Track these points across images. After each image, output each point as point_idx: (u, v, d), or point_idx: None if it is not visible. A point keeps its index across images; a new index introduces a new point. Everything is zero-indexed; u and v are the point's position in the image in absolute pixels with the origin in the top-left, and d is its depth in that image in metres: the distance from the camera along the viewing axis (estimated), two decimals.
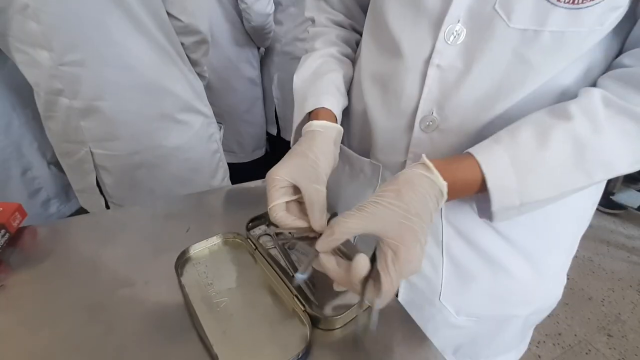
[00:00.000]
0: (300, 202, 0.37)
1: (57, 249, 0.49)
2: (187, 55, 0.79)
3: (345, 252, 0.40)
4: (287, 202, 0.36)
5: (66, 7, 0.60)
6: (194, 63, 0.82)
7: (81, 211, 0.92)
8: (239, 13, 1.21)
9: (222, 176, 0.97)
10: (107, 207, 0.84)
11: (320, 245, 0.31)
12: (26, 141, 0.83)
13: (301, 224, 0.35)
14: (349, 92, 0.50)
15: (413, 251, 0.29)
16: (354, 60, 0.52)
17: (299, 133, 0.44)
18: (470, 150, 0.34)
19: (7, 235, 0.49)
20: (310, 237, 0.36)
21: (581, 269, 1.71)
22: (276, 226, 0.51)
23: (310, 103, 0.44)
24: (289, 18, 1.32)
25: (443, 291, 0.45)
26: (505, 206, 0.33)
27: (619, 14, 0.31)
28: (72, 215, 0.94)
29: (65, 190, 0.94)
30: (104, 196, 0.83)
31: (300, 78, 0.49)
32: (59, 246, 0.50)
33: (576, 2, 0.30)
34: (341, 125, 0.52)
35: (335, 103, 0.44)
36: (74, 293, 0.42)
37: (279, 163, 0.37)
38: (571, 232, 0.46)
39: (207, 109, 0.88)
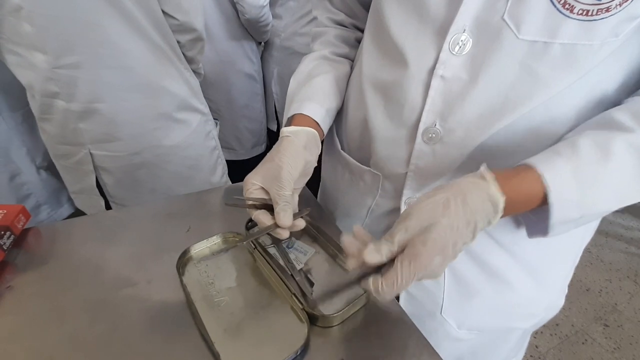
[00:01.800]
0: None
1: (61, 250, 0.50)
2: (183, 53, 0.78)
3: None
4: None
5: (60, 8, 0.60)
6: (190, 61, 0.81)
7: (74, 216, 0.90)
8: (234, 6, 1.20)
9: (221, 172, 0.97)
10: (108, 207, 0.85)
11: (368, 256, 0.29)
12: (14, 146, 0.81)
13: (268, 220, 0.38)
14: (348, 98, 0.49)
15: (429, 259, 0.28)
16: (353, 59, 0.52)
17: None
18: (530, 162, 0.31)
19: (12, 237, 0.50)
20: (276, 235, 0.39)
21: (579, 260, 1.71)
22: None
23: (292, 108, 0.45)
24: (288, 12, 1.30)
25: (445, 305, 0.45)
26: (564, 220, 0.31)
27: (638, 23, 0.29)
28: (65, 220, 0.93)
29: (57, 195, 0.91)
30: (104, 197, 0.83)
31: (294, 81, 0.49)
32: (63, 247, 0.51)
33: (590, 13, 0.28)
34: (341, 131, 0.52)
35: (317, 109, 0.44)
36: (79, 293, 0.43)
37: (254, 169, 0.40)
38: (577, 244, 0.45)
39: (204, 107, 0.88)
